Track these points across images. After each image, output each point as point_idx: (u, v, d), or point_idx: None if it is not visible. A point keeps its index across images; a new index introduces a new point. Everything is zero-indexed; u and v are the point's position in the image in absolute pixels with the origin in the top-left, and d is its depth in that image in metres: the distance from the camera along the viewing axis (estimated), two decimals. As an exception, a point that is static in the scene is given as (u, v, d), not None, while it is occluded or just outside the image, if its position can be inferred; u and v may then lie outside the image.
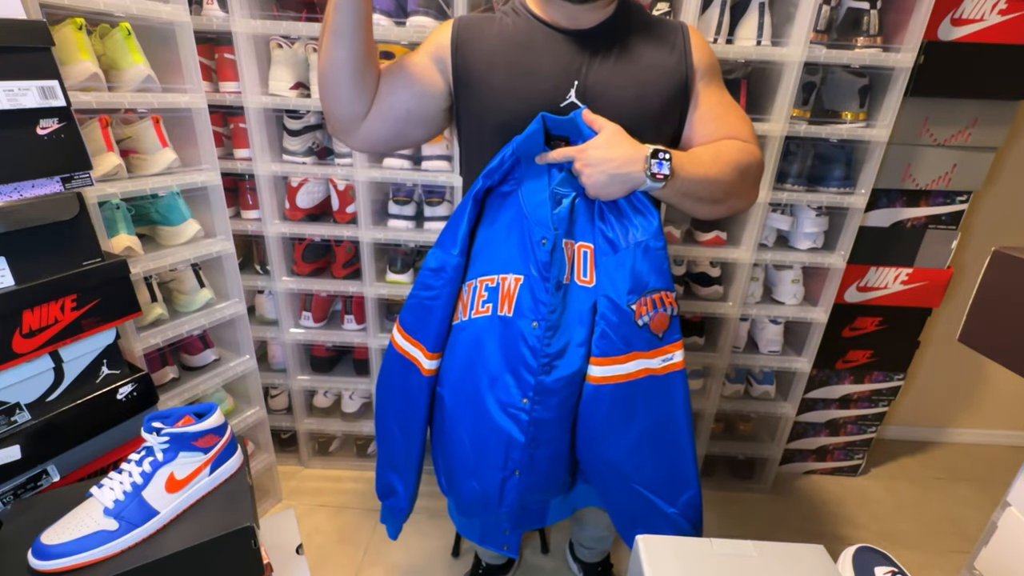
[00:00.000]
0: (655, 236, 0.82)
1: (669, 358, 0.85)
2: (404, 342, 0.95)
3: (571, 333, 0.85)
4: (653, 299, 0.82)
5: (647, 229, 0.82)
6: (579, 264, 0.85)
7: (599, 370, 0.84)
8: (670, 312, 0.84)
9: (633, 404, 0.86)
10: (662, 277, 0.83)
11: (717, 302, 1.61)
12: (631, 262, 0.81)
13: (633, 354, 0.83)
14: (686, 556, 0.78)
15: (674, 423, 0.88)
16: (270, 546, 0.96)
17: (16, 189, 0.83)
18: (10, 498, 0.87)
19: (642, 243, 0.81)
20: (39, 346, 0.88)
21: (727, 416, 1.87)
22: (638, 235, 0.81)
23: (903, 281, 1.62)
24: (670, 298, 0.83)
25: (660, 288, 0.83)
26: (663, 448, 0.90)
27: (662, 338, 0.84)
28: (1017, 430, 2.13)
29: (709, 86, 0.89)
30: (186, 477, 0.81)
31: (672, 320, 0.84)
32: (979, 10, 1.32)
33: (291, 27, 1.35)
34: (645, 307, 0.82)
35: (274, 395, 1.81)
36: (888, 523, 1.75)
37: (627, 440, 0.88)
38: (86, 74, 1.03)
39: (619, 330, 0.82)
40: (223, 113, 1.51)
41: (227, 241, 1.36)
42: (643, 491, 0.92)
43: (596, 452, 0.91)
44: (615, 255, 0.82)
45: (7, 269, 0.84)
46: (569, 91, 0.84)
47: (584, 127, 0.81)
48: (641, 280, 0.81)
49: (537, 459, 0.89)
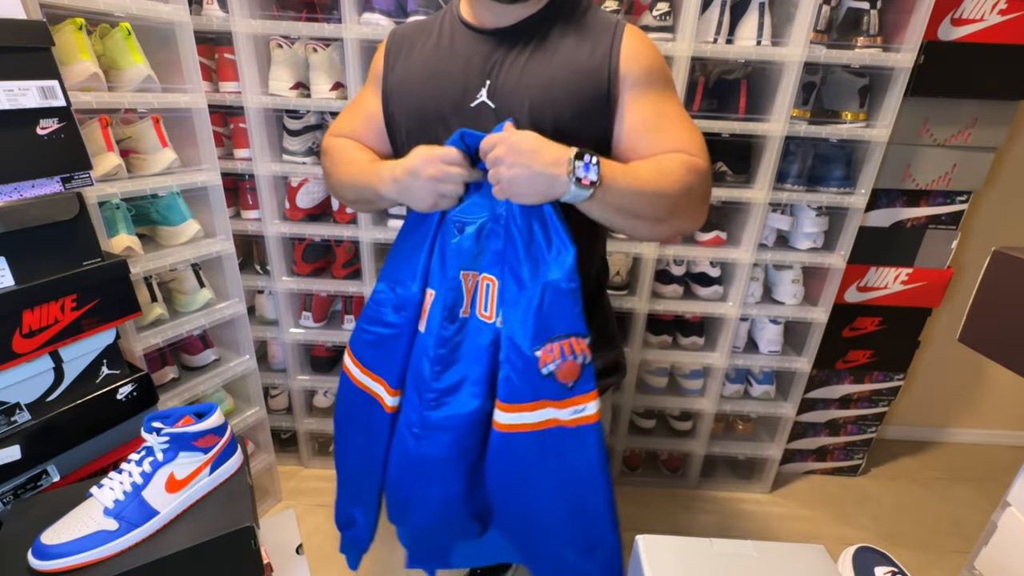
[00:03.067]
0: (568, 276, 0.72)
1: (580, 410, 0.75)
2: (363, 377, 0.89)
3: (467, 370, 0.78)
4: (561, 346, 0.72)
5: (560, 266, 0.72)
6: (480, 297, 0.77)
7: (506, 416, 0.76)
8: (581, 360, 0.73)
9: (543, 455, 0.78)
10: (573, 321, 0.73)
11: (717, 302, 1.60)
12: (537, 302, 0.72)
13: (541, 403, 0.75)
14: (686, 556, 0.78)
15: (588, 478, 0.79)
16: (270, 546, 0.96)
17: (16, 189, 0.83)
18: (10, 498, 0.87)
19: (552, 282, 0.71)
20: (39, 346, 0.88)
21: (727, 416, 1.87)
22: (549, 273, 0.72)
23: (903, 281, 1.62)
24: (581, 345, 0.73)
25: (569, 334, 0.73)
26: (577, 503, 0.81)
27: (572, 388, 0.74)
28: (1017, 430, 2.13)
29: (642, 96, 0.77)
30: (186, 477, 0.81)
31: (584, 369, 0.74)
32: (979, 10, 1.32)
33: (291, 27, 1.35)
34: (551, 354, 0.72)
35: (274, 395, 1.81)
36: (888, 523, 1.75)
37: (539, 492, 0.80)
38: (86, 74, 1.03)
39: (524, 376, 0.74)
40: (223, 113, 1.51)
41: (227, 241, 1.36)
42: (559, 545, 0.84)
43: (508, 502, 0.84)
44: (520, 292, 0.73)
45: (7, 269, 0.84)
46: (480, 91, 0.77)
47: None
48: (547, 324, 0.72)
49: (430, 497, 0.84)
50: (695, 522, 1.73)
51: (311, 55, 1.39)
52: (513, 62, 0.77)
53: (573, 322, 0.73)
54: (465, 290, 0.77)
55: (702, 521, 1.74)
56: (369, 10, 1.32)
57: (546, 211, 0.72)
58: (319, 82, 1.40)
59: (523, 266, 0.73)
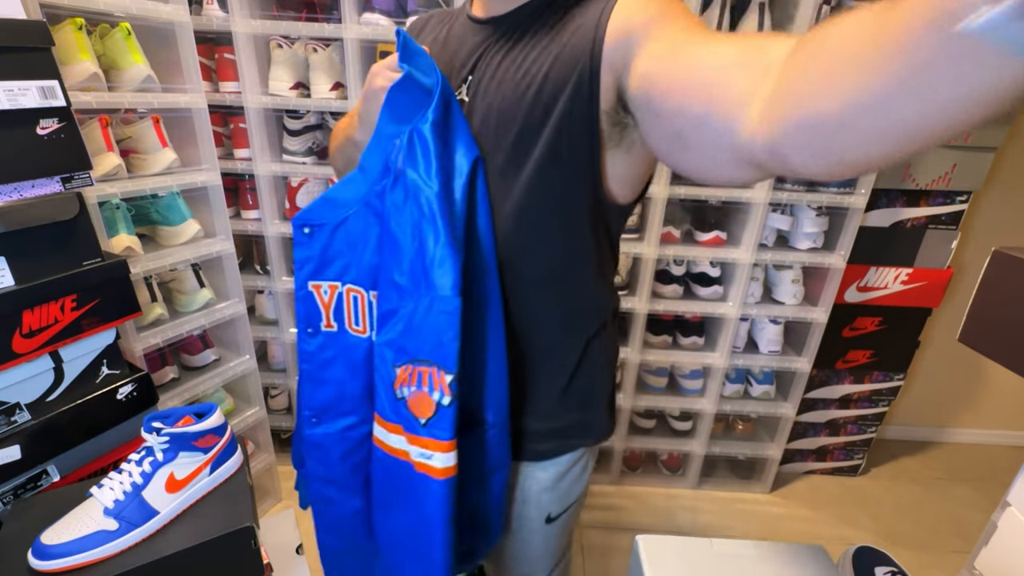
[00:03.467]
0: (450, 291, 0.57)
1: (426, 456, 0.61)
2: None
3: (340, 388, 0.71)
4: (419, 372, 0.60)
5: (442, 279, 0.57)
6: (348, 309, 0.68)
7: (377, 429, 0.67)
8: (438, 398, 0.59)
9: (395, 484, 0.67)
10: (438, 348, 0.59)
11: (717, 302, 1.60)
12: (410, 312, 0.60)
13: (396, 426, 0.64)
14: (686, 556, 0.78)
15: (427, 536, 0.65)
16: (270, 546, 0.96)
17: (16, 189, 0.83)
18: (10, 498, 0.87)
19: (432, 297, 0.58)
20: (39, 346, 0.88)
21: (727, 416, 1.87)
22: (431, 284, 0.58)
23: (903, 281, 1.62)
24: (442, 380, 0.59)
25: (432, 362, 0.59)
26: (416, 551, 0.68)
27: (424, 426, 0.61)
28: (1017, 430, 2.13)
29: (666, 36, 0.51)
30: (186, 477, 0.81)
31: (440, 410, 0.59)
32: (979, 10, 1.32)
33: (291, 27, 1.35)
34: (407, 376, 0.61)
35: (274, 395, 1.80)
36: (888, 523, 1.75)
37: (391, 524, 0.70)
38: (86, 74, 1.03)
39: (386, 391, 0.64)
40: (223, 113, 1.51)
41: (227, 241, 1.36)
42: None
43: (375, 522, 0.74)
44: (399, 298, 0.61)
45: (7, 269, 0.84)
46: (461, 87, 0.68)
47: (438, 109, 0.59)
48: (413, 343, 0.60)
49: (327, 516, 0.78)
50: (695, 522, 1.73)
51: (311, 55, 1.39)
52: (492, 57, 0.64)
53: (438, 350, 0.59)
54: (320, 304, 0.68)
55: (702, 521, 1.74)
56: (369, 10, 1.32)
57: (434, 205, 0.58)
58: (319, 82, 1.40)
59: (402, 269, 0.61)
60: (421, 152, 0.58)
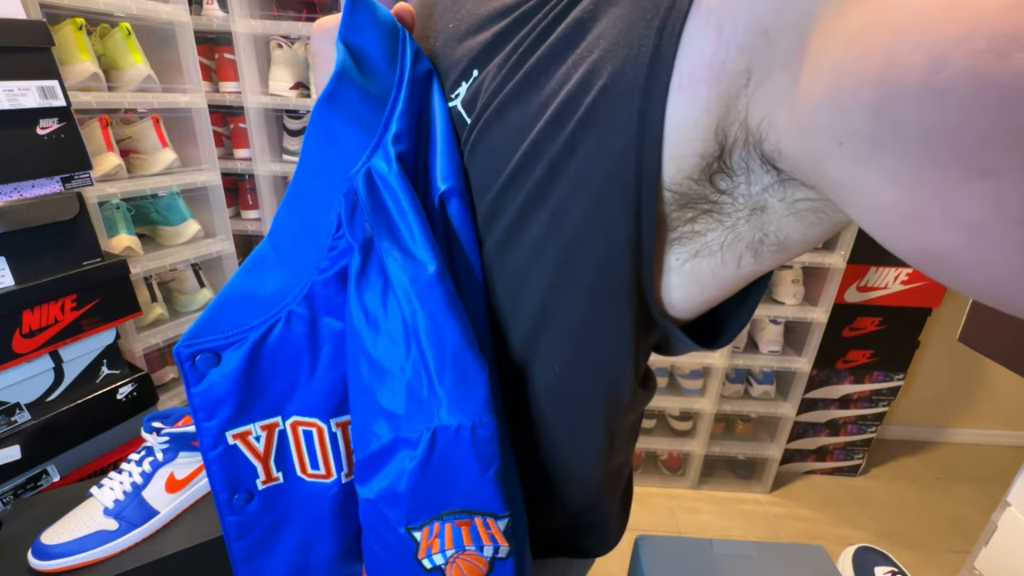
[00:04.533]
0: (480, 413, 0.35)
1: None
2: None
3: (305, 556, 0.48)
4: (457, 527, 0.39)
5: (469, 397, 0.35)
6: (298, 450, 0.45)
7: None
8: (491, 553, 0.40)
9: None
10: (482, 491, 0.37)
11: (717, 302, 1.60)
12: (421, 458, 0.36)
13: None
14: (686, 556, 0.78)
15: None
16: (270, 546, 0.96)
17: (16, 189, 0.83)
18: (10, 498, 0.87)
19: (450, 428, 0.35)
20: (39, 346, 0.88)
21: (727, 416, 1.87)
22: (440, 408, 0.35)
23: (903, 281, 1.62)
24: (494, 530, 0.39)
25: (473, 511, 0.38)
26: None
27: None
28: (1017, 430, 2.13)
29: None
30: (186, 477, 0.81)
31: (496, 566, 0.40)
32: (979, 10, 1.32)
33: (291, 27, 1.35)
34: (438, 540, 0.39)
35: (274, 395, 1.80)
36: (888, 523, 1.75)
37: None
38: (86, 74, 1.03)
39: (396, 559, 0.41)
40: (223, 113, 1.51)
41: (227, 241, 1.36)
42: None
43: None
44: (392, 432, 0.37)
45: (7, 269, 0.84)
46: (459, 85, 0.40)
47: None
48: (434, 492, 0.38)
49: None
50: (695, 522, 1.73)
51: (311, 55, 1.39)
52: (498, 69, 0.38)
53: (480, 492, 0.37)
54: (252, 456, 0.44)
55: (702, 521, 1.74)
56: (369, 10, 1.32)
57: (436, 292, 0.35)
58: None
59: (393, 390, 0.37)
60: (393, 211, 0.36)
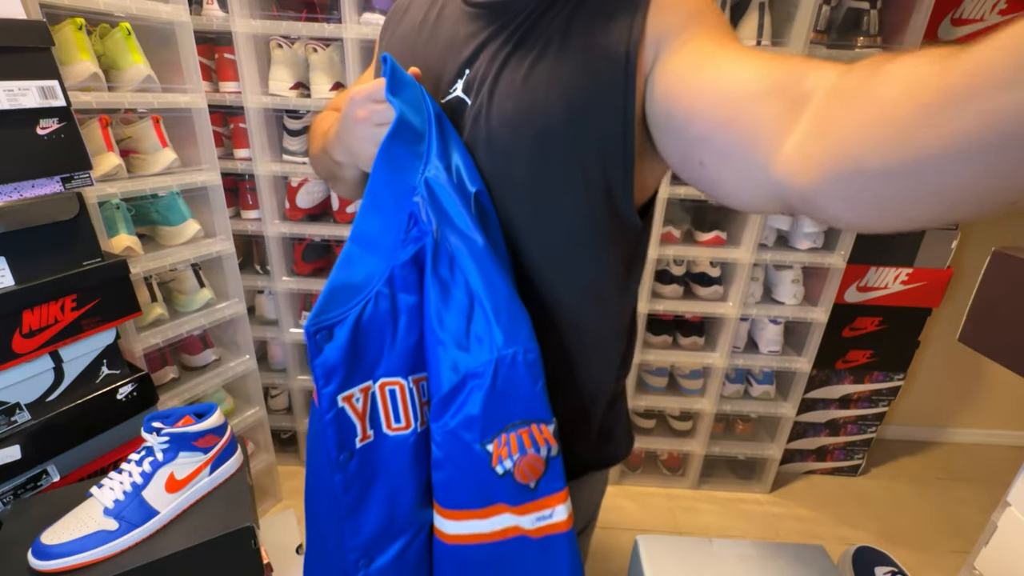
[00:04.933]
0: (527, 342, 0.52)
1: (546, 516, 0.57)
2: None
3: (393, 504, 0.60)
4: (519, 435, 0.54)
5: (519, 330, 0.52)
6: (385, 409, 0.58)
7: (451, 525, 0.58)
8: (546, 453, 0.55)
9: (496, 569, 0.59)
10: (534, 404, 0.54)
11: (717, 302, 1.60)
12: (489, 384, 0.52)
13: (497, 507, 0.57)
14: (686, 556, 0.78)
15: None
16: (270, 546, 0.96)
17: (16, 189, 0.83)
18: (10, 498, 0.87)
19: (507, 356, 0.52)
20: (39, 346, 0.88)
21: (727, 416, 1.87)
22: (498, 343, 0.52)
23: (903, 281, 1.62)
24: (545, 433, 0.55)
25: (529, 420, 0.54)
26: None
27: (535, 489, 0.56)
28: (1017, 430, 2.13)
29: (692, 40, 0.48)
30: (186, 477, 0.81)
31: (550, 463, 0.56)
32: (979, 10, 1.32)
33: (291, 27, 1.35)
34: (506, 448, 0.55)
35: (274, 395, 1.81)
36: (888, 523, 1.75)
37: None
38: (86, 74, 1.03)
39: (472, 478, 0.56)
40: (223, 113, 1.51)
41: (227, 241, 1.36)
42: None
43: None
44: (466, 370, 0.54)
45: (7, 269, 0.84)
46: (456, 82, 0.57)
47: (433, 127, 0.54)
48: (500, 410, 0.53)
49: None
50: (695, 522, 1.73)
51: (311, 55, 1.39)
52: (498, 51, 0.55)
53: (534, 404, 0.54)
54: (355, 417, 0.57)
55: (702, 521, 1.74)
56: (369, 10, 1.32)
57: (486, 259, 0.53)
58: (319, 82, 1.40)
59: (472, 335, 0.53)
60: (448, 206, 0.53)
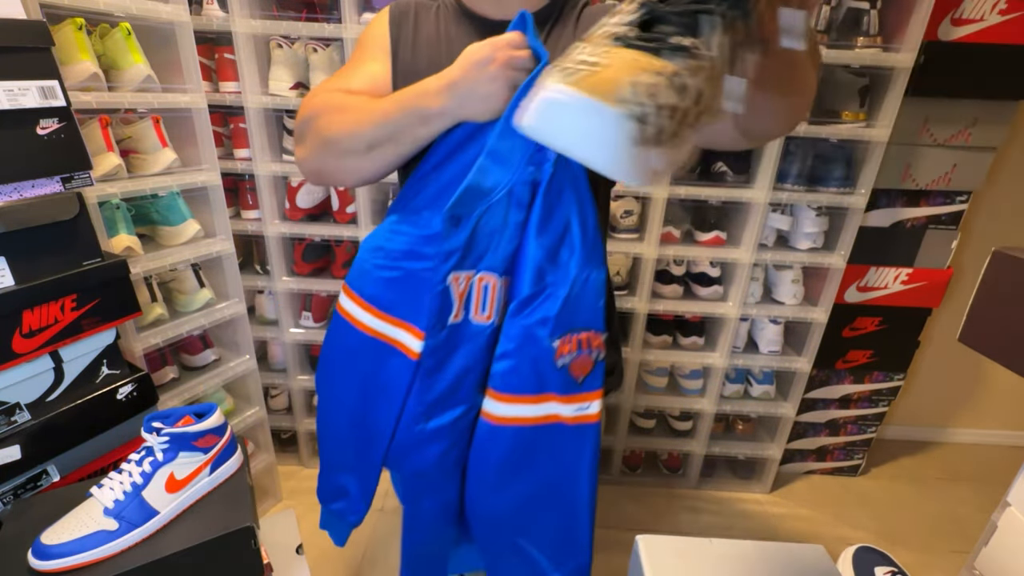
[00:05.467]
0: (600, 265, 0.70)
1: (584, 407, 0.72)
2: (377, 322, 0.76)
3: (461, 378, 0.72)
4: (579, 339, 0.69)
5: (593, 256, 0.69)
6: (477, 299, 0.70)
7: (502, 408, 0.70)
8: (595, 356, 0.71)
9: (534, 452, 0.72)
10: (594, 316, 0.70)
11: (717, 302, 1.60)
12: (566, 292, 0.67)
13: (546, 395, 0.70)
14: (686, 556, 0.78)
15: (576, 481, 0.75)
16: (270, 546, 0.96)
17: (16, 189, 0.83)
18: (10, 498, 0.87)
19: (584, 272, 0.68)
20: (39, 346, 0.88)
21: (727, 416, 1.87)
22: (583, 260, 0.68)
23: (903, 281, 1.62)
24: (598, 340, 0.71)
25: (589, 328, 0.70)
26: (559, 506, 0.76)
27: (581, 384, 0.71)
28: (1017, 430, 2.13)
29: None
30: (186, 477, 0.81)
31: (596, 365, 0.71)
32: (979, 10, 1.32)
33: (291, 27, 1.35)
34: (568, 346, 0.69)
35: (274, 395, 1.81)
36: (888, 523, 1.75)
37: (520, 491, 0.74)
38: (86, 74, 1.03)
39: (535, 367, 0.69)
40: (223, 113, 1.51)
41: (227, 241, 1.36)
42: (529, 549, 0.77)
43: (483, 501, 0.77)
44: (553, 278, 0.68)
45: (7, 269, 0.84)
46: None
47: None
48: (571, 315, 0.68)
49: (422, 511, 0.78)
50: (695, 522, 1.73)
51: (311, 55, 1.39)
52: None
53: (595, 316, 0.70)
54: (455, 295, 0.69)
55: (702, 521, 1.74)
56: (369, 10, 1.32)
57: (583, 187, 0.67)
58: (319, 82, 1.40)
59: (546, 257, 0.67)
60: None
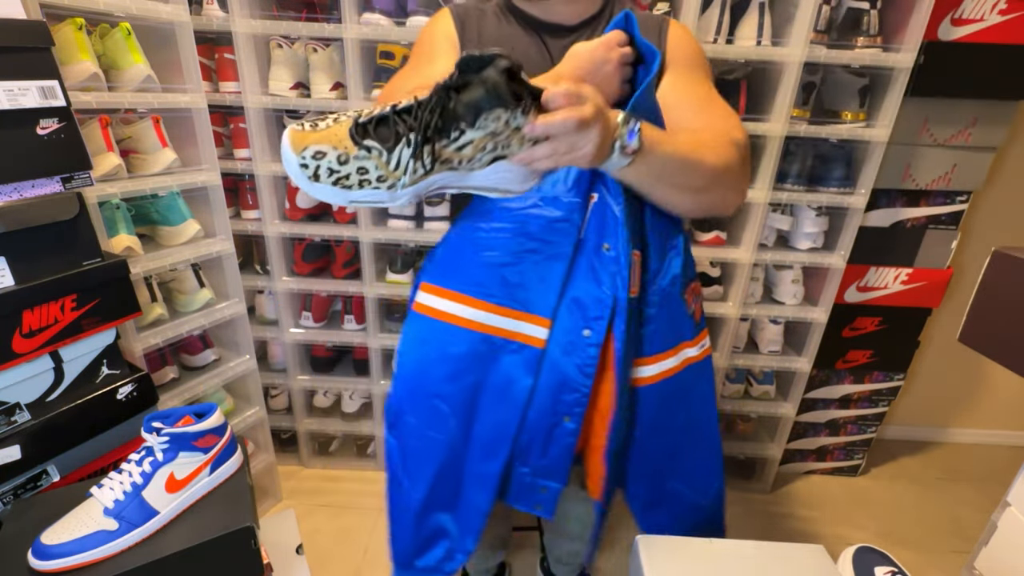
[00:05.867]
0: (682, 228, 0.82)
1: (704, 343, 0.86)
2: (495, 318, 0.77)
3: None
4: (693, 289, 0.83)
5: (678, 221, 0.81)
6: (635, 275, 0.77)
7: (650, 369, 0.80)
8: (701, 301, 0.87)
9: (677, 397, 0.83)
10: (694, 267, 0.86)
11: (717, 302, 1.60)
12: (682, 251, 0.80)
13: (681, 345, 0.82)
14: (686, 556, 0.78)
15: (709, 410, 0.88)
16: (270, 546, 0.96)
17: (16, 189, 0.83)
18: (10, 498, 0.87)
19: (684, 237, 0.81)
20: (39, 346, 0.88)
21: (727, 416, 1.87)
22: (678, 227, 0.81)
23: (903, 281, 1.62)
24: (699, 287, 0.86)
25: (693, 278, 0.84)
26: (700, 440, 0.88)
27: (699, 323, 0.85)
28: (1017, 430, 2.13)
29: (683, 75, 0.78)
30: (186, 477, 0.81)
31: (703, 309, 0.88)
32: (979, 10, 1.32)
33: (291, 27, 1.35)
34: (691, 295, 0.82)
35: (274, 395, 1.81)
36: (888, 523, 1.75)
37: (670, 437, 0.85)
38: (86, 74, 1.03)
39: (672, 322, 0.80)
40: (223, 113, 1.51)
41: (227, 241, 1.36)
42: (679, 489, 0.89)
43: (641, 461, 0.86)
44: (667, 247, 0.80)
45: (7, 269, 0.84)
46: None
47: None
48: (685, 270, 0.81)
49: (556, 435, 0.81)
50: (695, 522, 1.73)
51: (311, 55, 1.39)
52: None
53: (694, 268, 0.86)
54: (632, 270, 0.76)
55: (702, 521, 1.73)
56: (369, 10, 1.32)
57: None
58: (319, 82, 1.39)
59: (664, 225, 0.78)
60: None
